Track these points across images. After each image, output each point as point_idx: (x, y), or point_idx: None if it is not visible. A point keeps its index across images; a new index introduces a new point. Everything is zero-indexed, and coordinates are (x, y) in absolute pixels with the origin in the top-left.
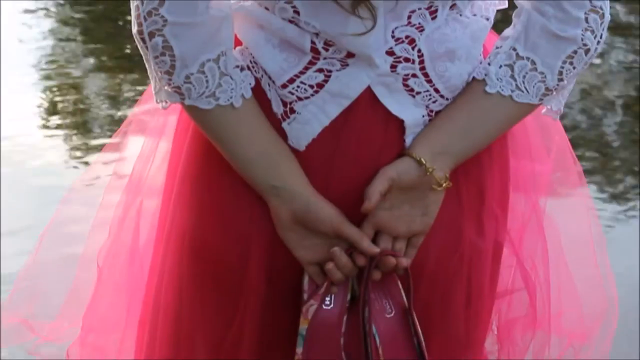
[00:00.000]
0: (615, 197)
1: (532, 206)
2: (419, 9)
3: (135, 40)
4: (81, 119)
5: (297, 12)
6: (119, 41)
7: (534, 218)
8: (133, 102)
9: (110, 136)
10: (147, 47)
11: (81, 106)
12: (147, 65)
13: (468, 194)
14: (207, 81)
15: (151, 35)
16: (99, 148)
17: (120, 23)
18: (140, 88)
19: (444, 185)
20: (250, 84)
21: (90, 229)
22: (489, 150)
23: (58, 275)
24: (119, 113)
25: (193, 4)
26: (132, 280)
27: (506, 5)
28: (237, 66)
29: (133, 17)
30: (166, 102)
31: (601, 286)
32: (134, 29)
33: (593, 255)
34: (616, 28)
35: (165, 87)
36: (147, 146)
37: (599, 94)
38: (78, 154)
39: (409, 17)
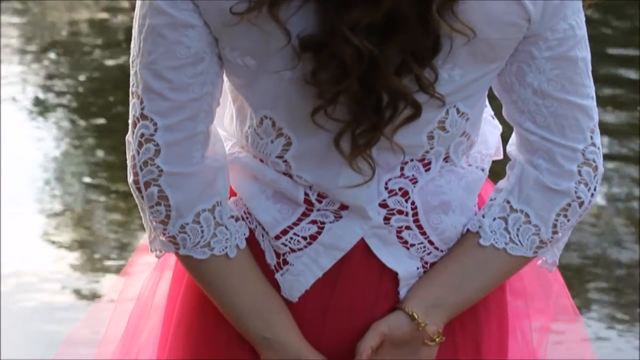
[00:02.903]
0: None
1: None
2: (412, 160)
3: (131, 189)
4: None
5: (289, 166)
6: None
7: None
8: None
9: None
10: (142, 197)
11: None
12: (142, 215)
13: (465, 347)
14: (202, 231)
15: (147, 185)
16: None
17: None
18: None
19: (437, 340)
20: (244, 234)
21: None
22: (485, 301)
23: None
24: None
25: (189, 154)
26: None
27: (501, 157)
28: (232, 216)
29: (129, 167)
30: (160, 251)
31: None
32: (130, 179)
33: None
34: None
35: (160, 237)
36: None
37: None
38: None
39: (402, 168)
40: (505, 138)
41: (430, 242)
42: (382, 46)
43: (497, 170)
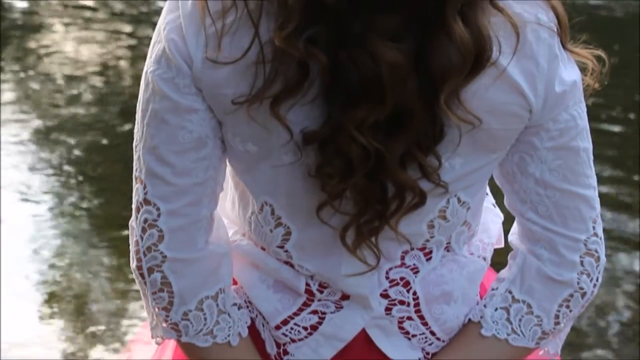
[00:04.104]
0: None
1: None
2: (412, 249)
3: (134, 275)
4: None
5: (290, 256)
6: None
7: None
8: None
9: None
10: (145, 283)
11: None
12: (144, 301)
13: None
14: (205, 319)
15: (150, 271)
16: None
17: None
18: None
19: None
20: (247, 322)
21: None
22: None
23: None
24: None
25: (192, 240)
26: None
27: (502, 245)
28: (235, 304)
29: (132, 252)
30: (162, 338)
31: None
32: (133, 264)
33: None
34: None
35: (162, 324)
36: None
37: None
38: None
39: (402, 257)
40: (507, 226)
41: (432, 333)
42: (389, 142)
43: (499, 260)
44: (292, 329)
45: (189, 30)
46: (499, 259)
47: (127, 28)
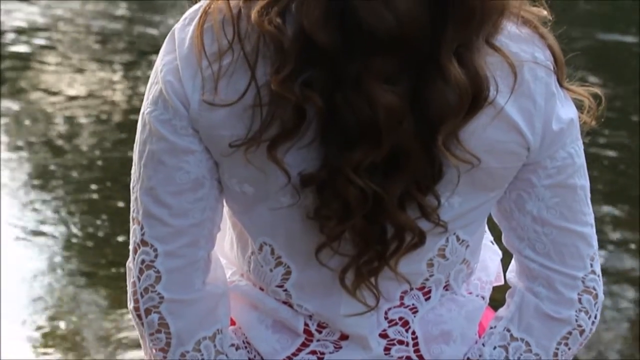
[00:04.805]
0: None
1: None
2: (411, 289)
3: (132, 315)
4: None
5: (289, 295)
6: None
7: None
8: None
9: None
10: (142, 324)
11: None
12: (141, 342)
13: None
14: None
15: (147, 312)
16: None
17: None
18: None
19: None
20: None
21: None
22: None
23: None
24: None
25: (190, 281)
26: None
27: (502, 283)
28: (233, 344)
29: (129, 293)
30: None
31: None
32: (130, 305)
33: None
34: None
35: None
36: None
37: None
38: None
39: (402, 297)
40: (505, 263)
41: None
42: (386, 183)
43: (497, 296)
44: None
45: (186, 72)
46: (497, 295)
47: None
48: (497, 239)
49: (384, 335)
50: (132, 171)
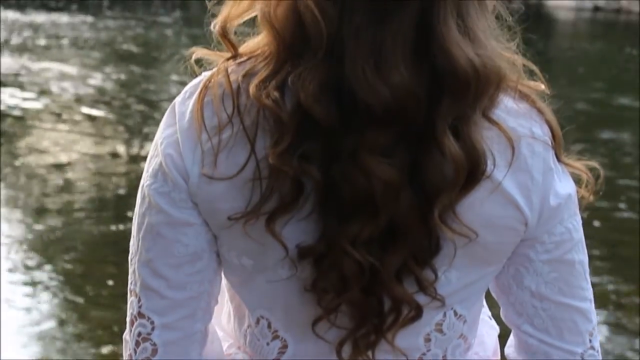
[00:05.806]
0: None
1: None
2: None
3: None
4: None
5: None
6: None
7: None
8: None
9: None
10: None
11: None
12: None
13: None
14: None
15: None
16: None
17: None
18: None
19: None
20: None
21: None
22: None
23: None
24: None
25: (186, 354)
26: None
27: (498, 358)
28: None
29: None
30: None
31: None
32: None
33: None
34: None
35: None
36: None
37: None
38: None
39: None
40: (503, 337)
41: None
42: (384, 256)
43: None
44: None
45: (186, 146)
46: None
47: None
48: (495, 314)
49: None
50: (131, 243)
